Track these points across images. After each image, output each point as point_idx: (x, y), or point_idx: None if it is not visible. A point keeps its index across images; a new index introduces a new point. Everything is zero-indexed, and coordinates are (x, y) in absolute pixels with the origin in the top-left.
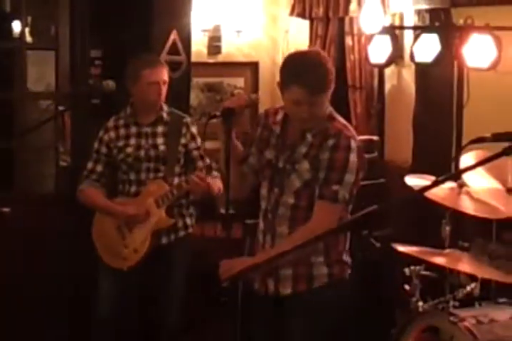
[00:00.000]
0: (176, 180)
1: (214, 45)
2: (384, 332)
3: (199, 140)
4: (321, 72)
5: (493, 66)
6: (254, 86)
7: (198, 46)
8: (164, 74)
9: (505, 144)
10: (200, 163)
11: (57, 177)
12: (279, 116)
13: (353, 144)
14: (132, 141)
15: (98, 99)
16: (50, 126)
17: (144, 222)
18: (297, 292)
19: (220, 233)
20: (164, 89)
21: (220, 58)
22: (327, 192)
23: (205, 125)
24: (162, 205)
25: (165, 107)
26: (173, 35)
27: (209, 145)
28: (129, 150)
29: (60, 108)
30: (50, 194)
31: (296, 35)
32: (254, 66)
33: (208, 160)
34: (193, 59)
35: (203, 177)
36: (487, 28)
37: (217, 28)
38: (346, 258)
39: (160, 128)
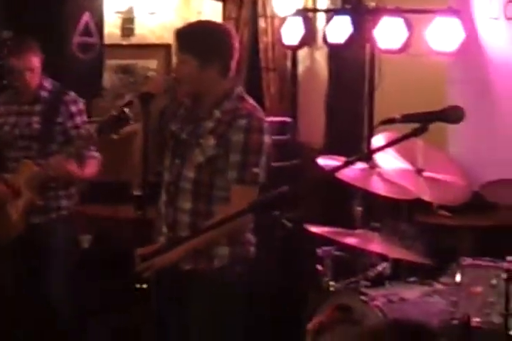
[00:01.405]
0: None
1: (127, 27)
2: (297, 312)
3: (80, 118)
4: (211, 39)
5: (404, 48)
6: (167, 68)
7: (111, 28)
8: (30, 62)
9: (415, 125)
10: (78, 143)
11: None
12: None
13: (265, 125)
14: (11, 119)
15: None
16: None
17: (14, 201)
18: (198, 269)
19: (134, 214)
20: (33, 74)
21: (133, 40)
22: (247, 176)
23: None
24: (31, 185)
25: (48, 85)
26: (86, 17)
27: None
28: (7, 128)
29: None
30: None
31: (209, 17)
32: (167, 48)
33: (85, 140)
34: (106, 41)
35: (59, 162)
36: (398, 11)
37: (130, 10)
38: (250, 237)
39: (38, 107)
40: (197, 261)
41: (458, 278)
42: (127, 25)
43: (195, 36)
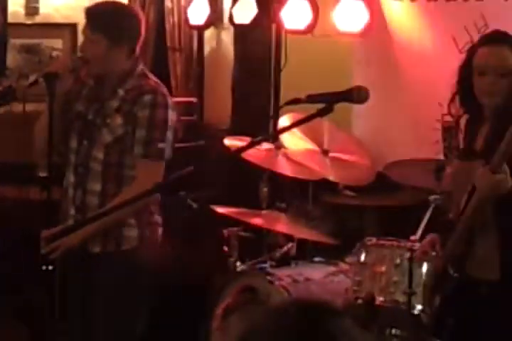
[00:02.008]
0: None
1: (31, 5)
2: (203, 293)
3: None
4: (123, 20)
5: (310, 29)
6: (73, 48)
7: (15, 7)
8: None
9: (321, 106)
10: None
11: None
12: None
13: (170, 101)
14: None
15: None
16: None
17: None
18: (106, 252)
19: (40, 196)
20: None
21: (37, 19)
22: (153, 151)
23: (24, 90)
24: None
25: None
26: None
27: (31, 107)
28: None
29: None
30: None
31: None
32: (72, 28)
33: None
34: (10, 20)
35: None
36: None
37: None
38: (157, 218)
39: None
40: (105, 243)
41: (362, 257)
42: (32, 3)
43: (107, 17)
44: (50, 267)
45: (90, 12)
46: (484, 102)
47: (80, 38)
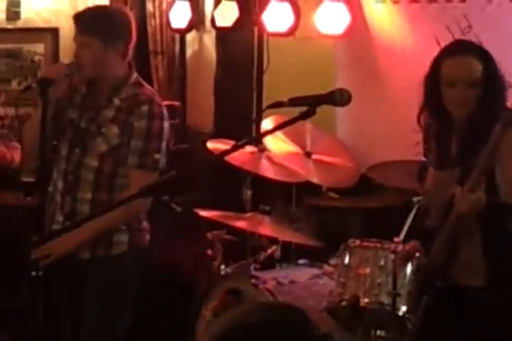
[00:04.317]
0: None
1: (13, 10)
2: (188, 297)
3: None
4: (114, 20)
5: (291, 31)
6: (55, 52)
7: None
8: None
9: (304, 108)
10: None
11: None
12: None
13: (165, 111)
14: None
15: None
16: None
17: None
18: (95, 257)
19: (22, 201)
20: None
21: (19, 24)
22: (149, 162)
23: (17, 95)
24: None
25: None
26: None
27: (23, 111)
28: None
29: None
30: None
31: (97, 1)
32: (54, 32)
33: (4, 131)
34: None
35: None
36: None
37: None
38: (145, 224)
39: None
40: (95, 248)
41: (346, 259)
42: (13, 8)
43: (97, 18)
44: (40, 273)
45: (79, 17)
46: (455, 112)
47: (62, 43)
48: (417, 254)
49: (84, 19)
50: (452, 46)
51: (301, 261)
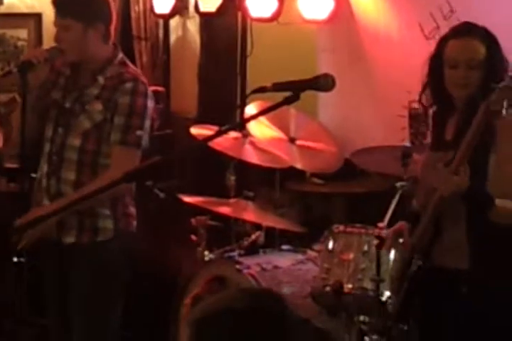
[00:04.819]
0: None
1: None
2: (172, 283)
3: None
4: (92, 1)
5: (275, 17)
6: (38, 38)
7: None
8: None
9: (288, 94)
10: None
11: None
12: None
13: (149, 90)
14: None
15: None
16: None
17: None
18: (81, 242)
19: (5, 187)
20: None
21: (1, 9)
22: (131, 138)
23: None
24: None
25: None
26: None
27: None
28: None
29: None
30: None
31: None
32: (37, 17)
33: None
34: None
35: None
36: None
37: None
38: (132, 209)
39: None
40: (80, 234)
41: (330, 245)
42: None
43: (75, 1)
44: (22, 259)
45: (57, 0)
46: (455, 94)
47: (45, 28)
48: (401, 240)
49: (62, 1)
50: (458, 27)
51: (284, 247)
